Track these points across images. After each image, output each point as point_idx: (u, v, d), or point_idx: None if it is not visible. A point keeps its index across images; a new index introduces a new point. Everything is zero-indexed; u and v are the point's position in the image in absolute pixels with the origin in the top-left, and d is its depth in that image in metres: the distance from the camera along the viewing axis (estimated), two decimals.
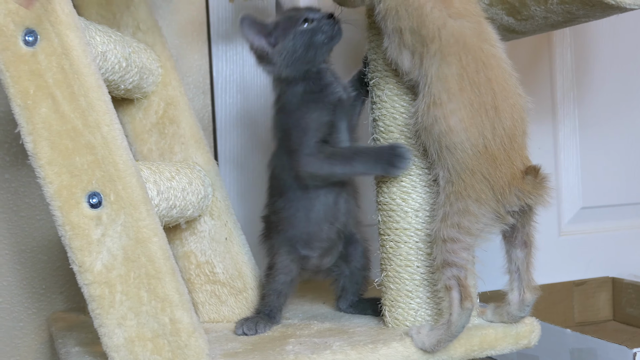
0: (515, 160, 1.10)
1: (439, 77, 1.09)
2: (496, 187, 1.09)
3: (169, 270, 1.03)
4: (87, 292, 1.03)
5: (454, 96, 1.09)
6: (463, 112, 1.08)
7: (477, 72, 1.09)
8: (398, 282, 1.22)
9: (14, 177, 1.70)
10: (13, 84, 1.01)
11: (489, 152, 1.08)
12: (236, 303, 1.38)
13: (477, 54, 1.10)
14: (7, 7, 1.01)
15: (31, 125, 1.02)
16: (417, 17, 1.10)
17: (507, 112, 1.10)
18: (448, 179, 1.11)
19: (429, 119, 1.10)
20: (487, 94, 1.09)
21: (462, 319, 1.12)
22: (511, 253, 1.19)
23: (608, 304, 1.93)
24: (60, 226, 1.02)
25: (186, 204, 1.26)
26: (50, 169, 1.02)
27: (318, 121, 1.28)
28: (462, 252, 1.11)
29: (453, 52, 1.09)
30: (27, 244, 1.70)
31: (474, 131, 1.08)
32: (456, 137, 1.08)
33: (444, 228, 1.11)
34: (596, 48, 2.03)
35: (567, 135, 2.01)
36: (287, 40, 1.31)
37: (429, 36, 1.09)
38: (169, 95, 1.42)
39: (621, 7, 1.17)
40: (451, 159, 1.10)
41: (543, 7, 1.22)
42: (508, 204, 1.10)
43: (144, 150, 1.42)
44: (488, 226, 1.12)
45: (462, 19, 1.11)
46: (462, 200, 1.10)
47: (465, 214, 1.10)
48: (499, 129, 1.09)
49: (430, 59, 1.10)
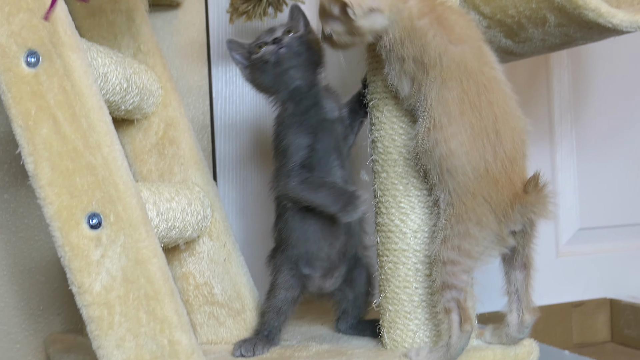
0: (516, 182, 1.10)
1: (439, 101, 1.10)
2: (498, 209, 1.09)
3: (168, 291, 1.02)
4: (85, 313, 1.03)
5: (454, 119, 1.09)
6: (464, 136, 1.09)
7: (478, 95, 1.10)
8: (396, 303, 1.22)
9: (13, 197, 1.70)
10: (14, 104, 1.02)
11: (491, 175, 1.09)
12: (234, 324, 1.38)
13: (478, 78, 1.10)
14: (9, 28, 1.02)
15: (32, 146, 1.02)
16: (420, 46, 1.10)
17: (508, 135, 1.10)
18: (449, 202, 1.11)
19: (429, 142, 1.11)
20: (488, 117, 1.09)
21: (461, 341, 1.12)
22: (510, 275, 1.19)
23: (606, 326, 1.93)
24: (59, 247, 1.02)
25: (185, 224, 1.26)
26: (50, 189, 1.02)
27: (297, 145, 1.29)
28: (462, 275, 1.11)
29: (454, 77, 1.10)
30: (25, 265, 1.70)
31: (475, 154, 1.08)
32: (457, 161, 1.09)
33: (444, 250, 1.11)
34: (593, 70, 2.04)
35: (565, 157, 2.01)
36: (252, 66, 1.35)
37: (430, 63, 1.10)
38: (169, 116, 1.43)
39: (618, 30, 1.18)
40: (452, 182, 1.10)
41: (541, 30, 1.23)
42: (512, 223, 1.10)
43: (143, 171, 1.42)
44: (488, 249, 1.12)
45: (462, 44, 1.11)
46: (463, 223, 1.10)
47: (466, 236, 1.10)
48: (500, 152, 1.09)
49: (430, 83, 1.11)
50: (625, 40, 1.95)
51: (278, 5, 1.55)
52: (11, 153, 1.68)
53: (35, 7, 1.02)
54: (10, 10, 1.02)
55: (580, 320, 1.90)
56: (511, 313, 1.19)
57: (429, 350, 1.16)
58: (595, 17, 1.15)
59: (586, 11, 1.14)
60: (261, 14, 1.57)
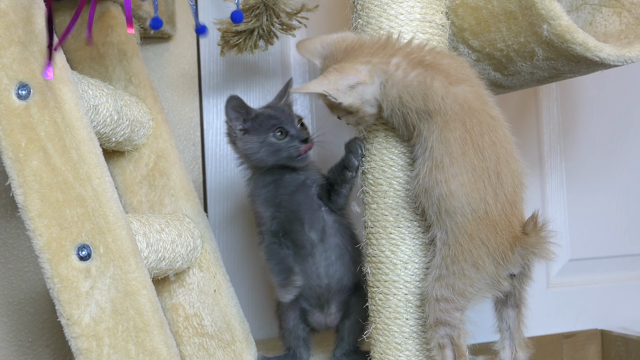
0: (515, 225, 1.10)
1: (441, 141, 1.09)
2: (496, 252, 1.08)
3: (157, 323, 1.02)
4: (74, 345, 1.02)
5: (456, 160, 1.08)
6: (465, 177, 1.08)
7: (481, 135, 1.09)
8: (387, 334, 1.22)
9: (2, 228, 1.69)
10: (5, 136, 1.02)
11: (490, 218, 1.08)
12: (224, 356, 1.37)
13: (482, 117, 1.10)
14: (1, 61, 1.02)
15: (22, 177, 1.02)
16: (422, 96, 1.09)
17: (508, 178, 1.09)
18: (445, 242, 1.11)
19: (430, 181, 1.10)
20: (491, 158, 1.09)
21: None
22: (502, 312, 1.18)
23: (597, 357, 1.92)
24: (48, 278, 1.02)
25: (175, 256, 1.26)
26: (40, 221, 1.02)
27: (264, 215, 1.35)
28: (455, 312, 1.11)
29: (457, 117, 1.09)
30: (14, 296, 1.69)
31: (476, 196, 1.08)
32: (457, 202, 1.08)
33: (437, 288, 1.11)
34: (582, 103, 2.05)
35: (554, 188, 2.02)
36: (257, 138, 1.34)
37: (435, 109, 1.09)
38: (159, 148, 1.43)
39: (605, 64, 1.19)
40: (450, 223, 1.09)
41: (529, 63, 1.25)
42: (512, 266, 1.10)
43: (134, 202, 1.42)
44: (482, 291, 1.11)
45: (462, 84, 1.11)
46: (458, 264, 1.09)
47: (460, 276, 1.09)
48: (500, 194, 1.08)
49: (432, 126, 1.10)
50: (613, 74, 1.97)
51: (269, 39, 1.57)
52: (1, 185, 1.68)
53: (26, 40, 1.03)
54: (1, 43, 1.03)
55: (572, 351, 1.90)
56: (504, 350, 1.18)
57: None
58: (582, 51, 1.16)
59: (574, 45, 1.15)
60: (252, 46, 1.58)
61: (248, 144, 1.35)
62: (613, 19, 1.35)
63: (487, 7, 1.21)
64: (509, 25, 1.19)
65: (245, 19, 1.57)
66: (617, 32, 1.33)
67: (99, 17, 1.46)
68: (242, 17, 1.38)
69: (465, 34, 1.26)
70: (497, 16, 1.20)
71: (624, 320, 2.03)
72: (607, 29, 1.35)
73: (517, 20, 1.18)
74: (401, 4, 1.20)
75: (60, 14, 1.48)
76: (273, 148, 1.32)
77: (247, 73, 1.83)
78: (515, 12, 1.17)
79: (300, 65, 1.87)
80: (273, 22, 1.55)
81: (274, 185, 1.35)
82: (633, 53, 1.20)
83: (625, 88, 2.08)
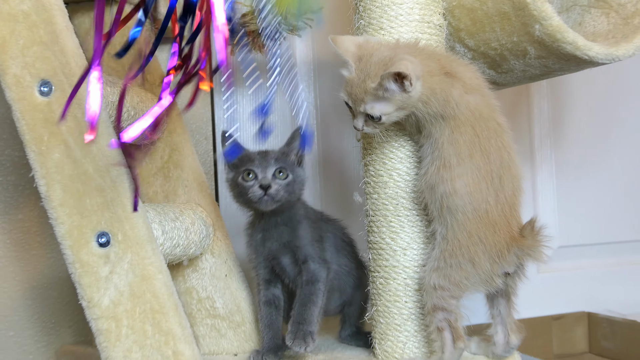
0: (513, 227, 1.10)
1: (450, 143, 1.08)
2: (492, 251, 1.08)
3: (172, 305, 1.02)
4: (94, 326, 1.02)
5: (463, 161, 1.08)
6: (469, 177, 1.08)
7: (488, 140, 1.09)
8: (387, 316, 1.22)
9: (27, 217, 1.69)
10: (28, 131, 1.02)
11: (490, 218, 1.08)
12: (235, 336, 1.37)
13: (490, 123, 1.10)
14: (24, 60, 1.02)
15: (45, 169, 1.02)
16: (443, 100, 1.08)
17: (509, 182, 1.09)
18: (444, 236, 1.11)
19: (436, 179, 1.10)
20: (495, 162, 1.08)
21: (453, 357, 1.11)
22: (493, 300, 1.18)
23: (584, 338, 1.92)
24: (70, 264, 1.02)
25: (189, 242, 1.26)
26: (62, 210, 1.02)
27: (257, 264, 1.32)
28: (451, 300, 1.11)
29: (468, 122, 1.08)
30: (38, 281, 1.69)
31: (478, 196, 1.07)
32: (459, 200, 1.08)
33: (435, 277, 1.11)
34: (571, 99, 2.04)
35: (545, 179, 2.02)
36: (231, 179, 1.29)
37: (449, 114, 1.08)
38: (173, 142, 1.43)
39: (594, 62, 1.19)
40: (451, 219, 1.09)
41: (522, 61, 1.24)
42: (507, 264, 1.09)
43: (149, 193, 1.42)
44: (476, 285, 1.11)
45: (475, 93, 1.10)
46: (456, 258, 1.09)
47: (457, 269, 1.09)
48: (501, 197, 1.08)
49: (443, 128, 1.09)
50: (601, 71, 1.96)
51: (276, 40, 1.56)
52: (25, 176, 1.68)
53: (48, 40, 1.02)
54: (24, 43, 1.02)
55: (560, 332, 1.90)
56: (497, 334, 1.18)
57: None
58: (572, 49, 1.15)
59: (564, 44, 1.15)
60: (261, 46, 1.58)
61: (229, 179, 1.29)
62: (601, 19, 1.35)
63: (482, 9, 1.21)
64: (502, 26, 1.19)
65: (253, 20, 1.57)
66: (605, 32, 1.32)
67: None
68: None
69: (461, 34, 1.26)
70: (492, 17, 1.20)
71: (610, 303, 2.03)
72: (595, 29, 1.35)
73: (511, 21, 1.18)
74: (401, 5, 1.19)
75: (79, 15, 1.47)
76: (239, 189, 1.26)
77: None
78: (508, 13, 1.17)
79: (306, 64, 1.86)
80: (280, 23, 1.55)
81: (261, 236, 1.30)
82: (620, 52, 1.20)
83: (612, 85, 2.08)
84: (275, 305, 1.31)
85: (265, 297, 1.31)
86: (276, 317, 1.31)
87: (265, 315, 1.31)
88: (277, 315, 1.31)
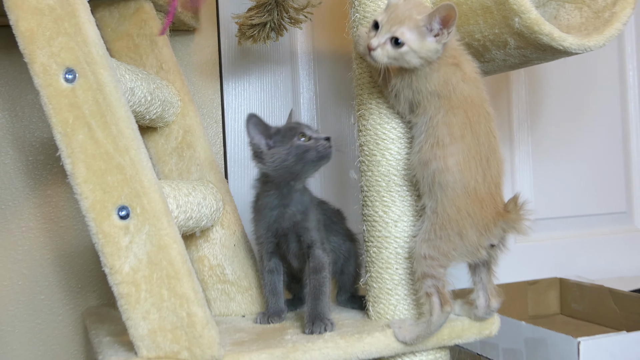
0: (498, 203, 1.09)
1: (444, 123, 1.08)
2: (480, 224, 1.08)
3: (186, 272, 1.02)
4: (116, 290, 1.02)
5: (455, 140, 1.07)
6: (460, 156, 1.07)
7: (479, 124, 1.08)
8: (380, 281, 1.22)
9: (54, 193, 1.69)
10: (55, 114, 1.01)
11: (478, 194, 1.07)
12: (243, 299, 1.37)
13: (480, 110, 1.09)
14: (50, 50, 1.01)
15: (70, 149, 1.01)
16: (443, 81, 1.07)
17: (495, 163, 1.09)
18: (434, 210, 1.10)
19: (429, 155, 1.09)
20: (484, 144, 1.08)
21: (441, 319, 1.11)
22: (475, 268, 1.18)
23: (556, 301, 1.93)
24: (94, 235, 1.02)
25: (201, 215, 1.26)
26: (86, 186, 1.01)
27: (265, 238, 1.29)
28: (439, 268, 1.10)
29: (461, 106, 1.08)
30: (65, 250, 1.70)
31: (467, 174, 1.07)
32: (450, 177, 1.07)
33: (425, 248, 1.10)
34: (547, 86, 2.04)
35: (522, 159, 2.02)
36: (284, 147, 1.23)
37: (444, 94, 1.08)
38: (186, 124, 1.42)
39: (568, 52, 1.18)
40: (441, 194, 1.08)
41: (502, 51, 1.23)
42: (492, 237, 1.09)
43: (165, 171, 1.41)
44: (463, 255, 1.11)
45: (471, 82, 1.10)
46: (445, 231, 1.09)
47: (446, 241, 1.09)
48: (488, 176, 1.08)
49: (438, 108, 1.08)
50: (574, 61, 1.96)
51: (279, 31, 1.55)
52: (52, 156, 1.68)
53: (72, 32, 1.01)
54: (50, 35, 1.01)
55: (535, 296, 1.90)
56: (479, 299, 1.18)
57: (411, 323, 1.16)
58: (548, 40, 1.14)
59: (541, 35, 1.14)
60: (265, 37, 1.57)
61: (276, 155, 1.23)
62: (575, 13, 1.34)
63: (467, 3, 1.19)
64: (485, 19, 1.18)
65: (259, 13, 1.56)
66: (578, 24, 1.31)
67: (134, 12, 1.44)
68: None
69: None
70: (476, 10, 1.18)
71: (579, 269, 2.04)
72: (569, 22, 1.34)
73: (493, 14, 1.17)
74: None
75: (100, 10, 1.46)
76: (301, 150, 1.22)
77: (261, 60, 1.82)
78: (490, 7, 1.16)
79: (306, 54, 1.85)
80: (283, 17, 1.54)
81: (276, 214, 1.27)
82: (591, 42, 1.19)
83: (583, 73, 2.07)
84: (277, 272, 1.31)
85: (269, 267, 1.31)
86: (278, 283, 1.31)
87: (269, 282, 1.31)
88: (278, 281, 1.31)
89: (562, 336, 1.37)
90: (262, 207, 1.28)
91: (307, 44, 1.85)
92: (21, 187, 1.68)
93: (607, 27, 1.23)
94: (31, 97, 1.69)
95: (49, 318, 1.69)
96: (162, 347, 1.02)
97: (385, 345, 1.13)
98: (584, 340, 1.33)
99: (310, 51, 1.85)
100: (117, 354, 1.08)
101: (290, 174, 1.25)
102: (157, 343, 1.02)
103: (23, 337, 1.67)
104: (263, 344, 1.10)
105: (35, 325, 1.68)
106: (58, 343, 1.69)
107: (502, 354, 1.53)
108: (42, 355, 1.68)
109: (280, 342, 1.10)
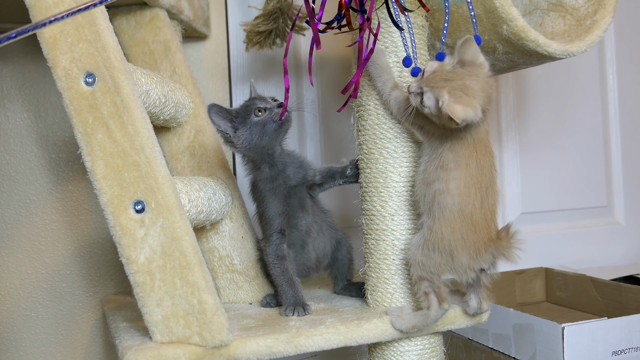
0: (491, 229, 1.08)
1: (451, 150, 1.07)
2: (471, 248, 1.07)
3: (197, 262, 1.02)
4: (132, 279, 1.02)
5: (459, 167, 1.06)
6: (462, 182, 1.06)
7: (484, 156, 1.07)
8: (377, 271, 1.22)
9: (75, 188, 1.69)
10: (76, 115, 1.01)
11: (473, 219, 1.06)
12: (250, 288, 1.37)
13: (486, 144, 1.08)
14: (71, 55, 1.01)
15: (90, 147, 1.01)
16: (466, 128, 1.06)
17: (492, 193, 1.08)
18: (430, 227, 1.09)
19: (433, 176, 1.08)
20: (486, 175, 1.07)
21: (438, 314, 1.11)
22: None
23: (542, 289, 1.93)
24: (111, 227, 1.02)
25: (211, 209, 1.26)
26: (104, 182, 1.01)
27: (274, 212, 1.26)
28: (433, 275, 1.10)
29: (470, 141, 1.06)
30: (85, 241, 1.70)
31: (466, 199, 1.06)
32: (450, 199, 1.06)
33: (419, 256, 1.10)
34: (533, 89, 2.03)
35: (510, 157, 2.02)
36: (245, 128, 1.23)
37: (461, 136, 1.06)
38: (198, 125, 1.42)
39: (552, 57, 1.18)
40: (439, 214, 1.07)
41: (491, 56, 1.23)
42: (483, 261, 1.08)
43: (178, 168, 1.41)
44: (452, 272, 1.09)
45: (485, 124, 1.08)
46: (437, 248, 1.08)
47: (438, 256, 1.08)
48: (485, 204, 1.07)
49: (447, 137, 1.07)
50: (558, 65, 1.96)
51: (284, 38, 1.55)
52: (73, 154, 1.68)
53: (92, 38, 1.01)
54: (72, 41, 1.01)
55: (522, 284, 1.90)
56: (471, 300, 1.16)
57: (409, 313, 1.15)
58: (534, 46, 1.14)
59: (527, 42, 1.14)
60: (271, 43, 1.57)
61: (242, 136, 1.23)
62: (558, 21, 1.34)
63: (458, 12, 1.19)
64: None
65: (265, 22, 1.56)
66: (562, 32, 1.31)
67: (150, 20, 1.44)
68: (410, 62, 1.16)
69: (440, 33, 1.24)
70: (467, 19, 1.18)
71: (563, 260, 2.04)
72: (553, 29, 1.33)
73: (482, 22, 1.16)
74: None
75: (118, 18, 1.46)
76: (259, 125, 1.22)
77: (267, 65, 1.82)
78: (481, 15, 1.16)
79: None
80: (287, 24, 1.54)
81: (282, 177, 1.26)
82: (574, 48, 1.19)
83: (567, 77, 2.07)
84: (289, 259, 1.26)
85: (280, 251, 1.26)
86: (293, 271, 1.26)
87: (284, 270, 1.25)
88: (293, 269, 1.26)
89: (547, 322, 1.37)
90: (264, 183, 1.27)
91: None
92: (45, 182, 1.68)
93: (589, 34, 1.23)
94: (54, 99, 1.69)
95: (70, 304, 1.69)
96: (174, 332, 1.03)
97: (382, 331, 1.13)
98: (567, 326, 1.33)
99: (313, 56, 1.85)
100: (133, 339, 1.08)
101: (263, 148, 1.24)
102: (170, 328, 1.03)
103: (45, 322, 1.68)
104: (269, 329, 1.10)
105: (57, 311, 1.69)
106: (78, 328, 1.69)
107: (491, 339, 1.54)
108: (63, 339, 1.69)
109: (285, 328, 1.10)
